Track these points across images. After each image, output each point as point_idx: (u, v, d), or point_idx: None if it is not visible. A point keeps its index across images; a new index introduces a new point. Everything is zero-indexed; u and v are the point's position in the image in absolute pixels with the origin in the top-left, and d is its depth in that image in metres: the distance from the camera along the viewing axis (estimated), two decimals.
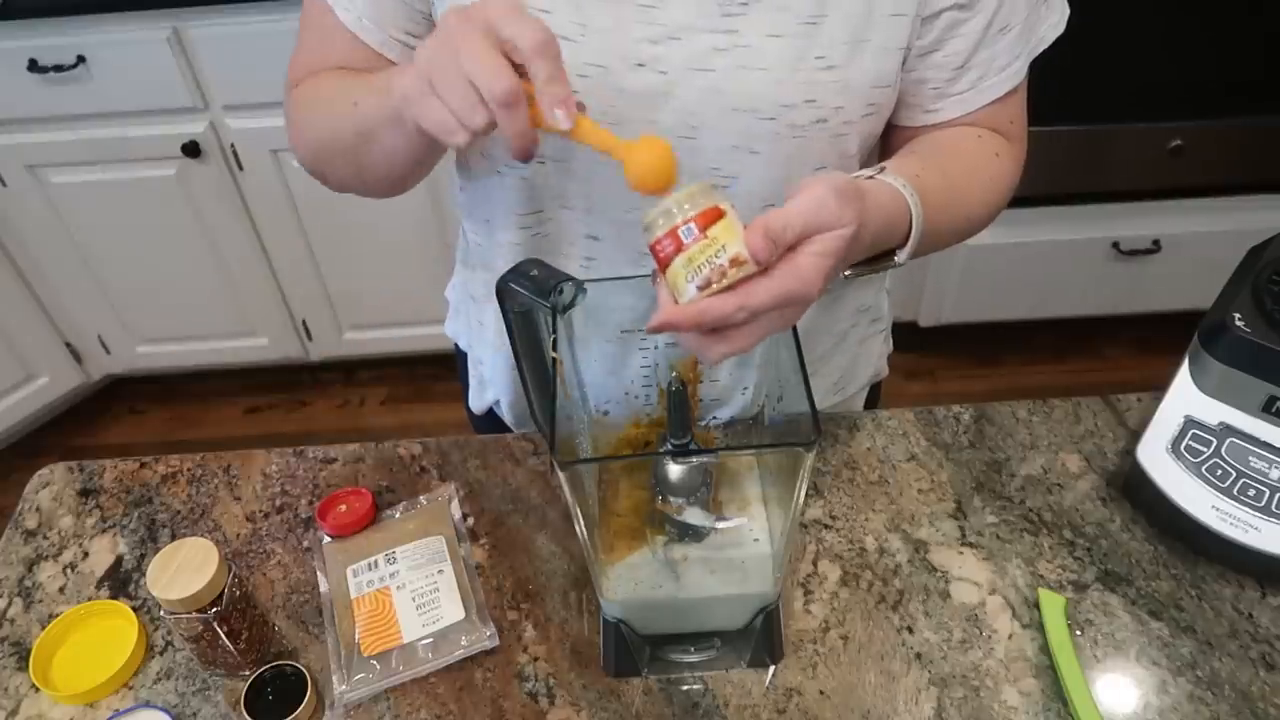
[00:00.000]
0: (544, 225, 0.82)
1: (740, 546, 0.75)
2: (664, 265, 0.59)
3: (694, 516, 0.73)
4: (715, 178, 0.76)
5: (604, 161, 0.75)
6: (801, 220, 0.58)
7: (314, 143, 0.79)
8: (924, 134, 0.80)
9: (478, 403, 1.08)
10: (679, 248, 0.58)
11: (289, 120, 0.81)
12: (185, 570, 0.71)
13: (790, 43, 0.70)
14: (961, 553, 0.84)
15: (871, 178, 0.68)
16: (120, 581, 0.85)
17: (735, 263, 0.57)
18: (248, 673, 0.76)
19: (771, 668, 0.77)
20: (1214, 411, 0.77)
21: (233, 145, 1.87)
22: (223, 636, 0.73)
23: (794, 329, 0.66)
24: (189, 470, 0.94)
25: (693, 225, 0.57)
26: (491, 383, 1.04)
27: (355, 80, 0.75)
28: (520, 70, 0.58)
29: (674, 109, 0.72)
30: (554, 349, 0.68)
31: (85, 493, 0.93)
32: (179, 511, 0.91)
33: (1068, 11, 0.79)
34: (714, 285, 0.57)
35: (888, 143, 0.83)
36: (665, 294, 0.60)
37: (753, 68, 0.70)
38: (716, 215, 0.58)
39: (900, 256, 0.70)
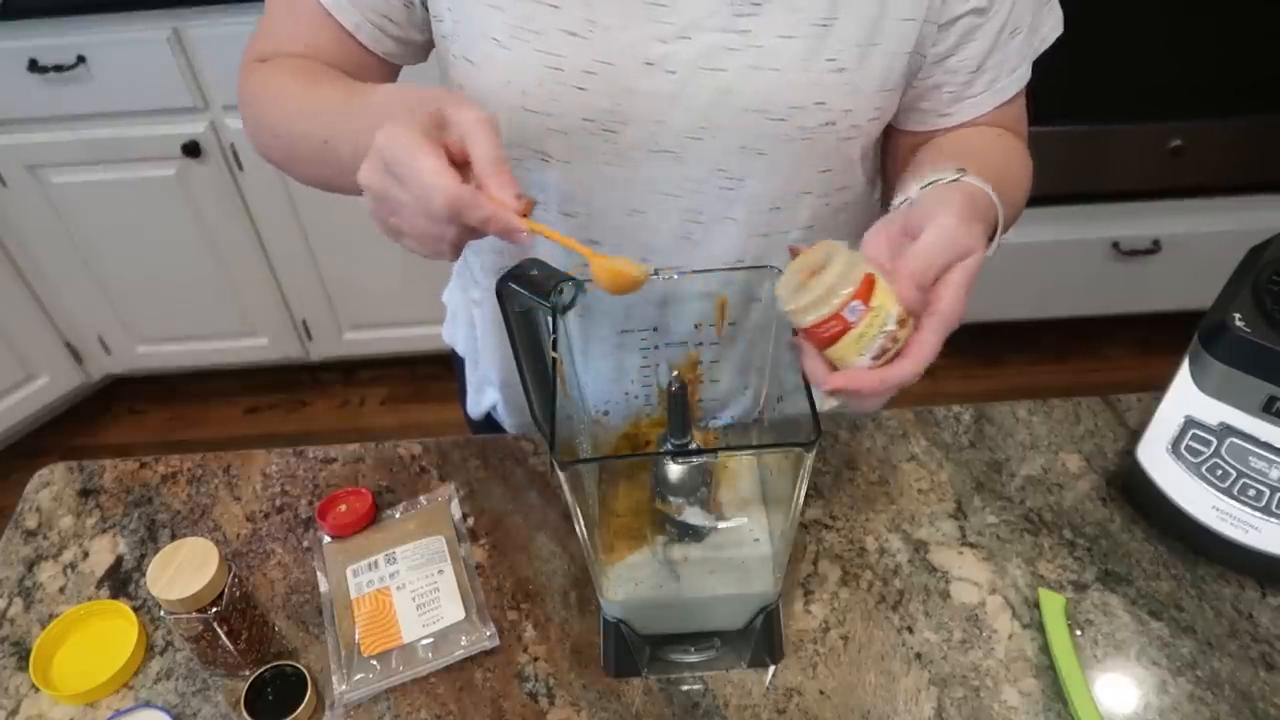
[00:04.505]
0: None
1: (740, 546, 0.75)
2: (827, 344, 0.58)
3: (694, 516, 0.73)
4: (721, 179, 0.76)
5: (607, 166, 0.76)
6: (941, 257, 0.59)
7: (277, 151, 0.77)
8: (934, 138, 0.80)
9: (475, 408, 1.08)
10: (846, 327, 0.56)
11: (248, 107, 0.78)
12: (185, 570, 0.71)
13: (802, 44, 0.70)
14: (961, 553, 0.84)
15: (956, 180, 0.67)
16: (120, 581, 0.85)
17: (901, 323, 0.57)
18: (248, 673, 0.76)
19: (771, 668, 0.77)
20: (1214, 411, 0.76)
21: (233, 145, 1.87)
22: (223, 636, 0.73)
23: (794, 328, 0.66)
24: (189, 470, 0.94)
25: (858, 303, 0.56)
26: (490, 384, 1.04)
27: (324, 99, 0.72)
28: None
29: (683, 109, 0.72)
30: (554, 349, 0.68)
31: (85, 493, 0.93)
32: (179, 511, 0.91)
33: (1061, 14, 0.80)
34: (888, 353, 0.57)
35: (895, 148, 0.83)
36: (819, 362, 0.60)
37: (765, 68, 0.70)
38: (872, 283, 0.57)
39: (989, 251, 0.70)
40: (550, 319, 0.69)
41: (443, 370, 1.26)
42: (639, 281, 0.62)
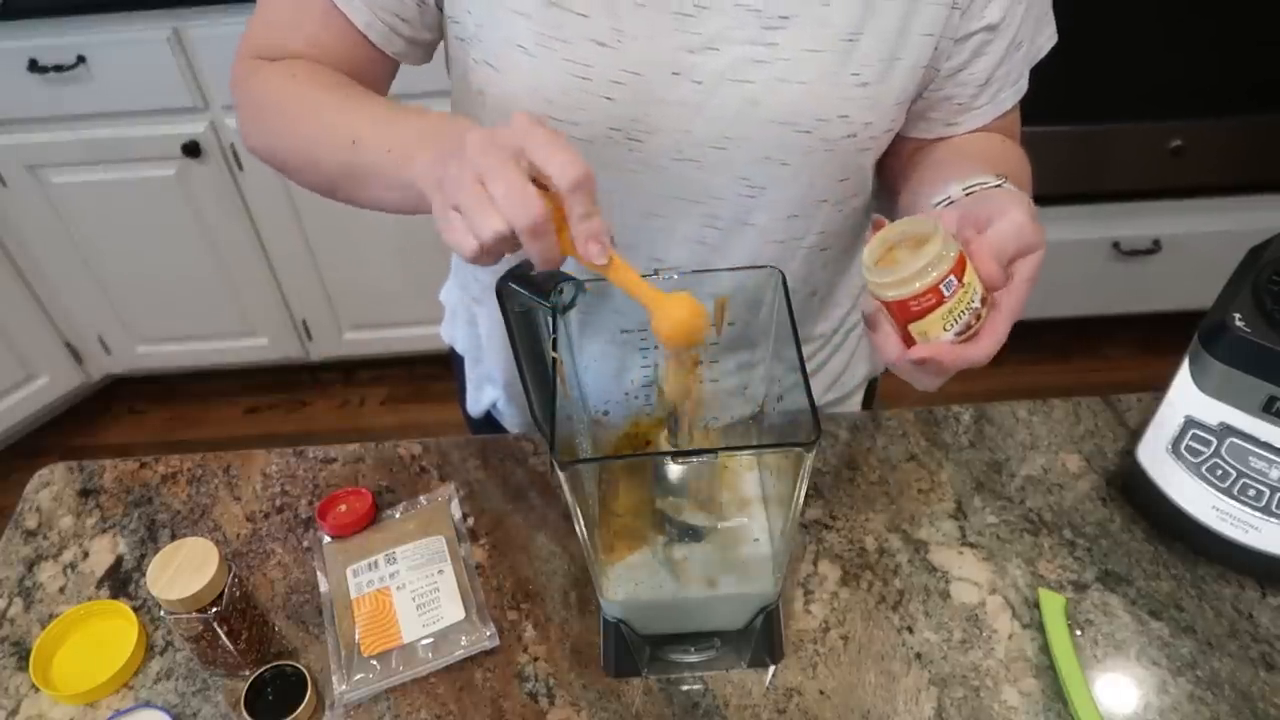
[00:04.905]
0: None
1: (740, 546, 0.75)
2: (915, 318, 0.59)
3: (694, 516, 0.73)
4: (743, 187, 0.77)
5: (627, 172, 0.76)
6: (1013, 244, 0.61)
7: (282, 151, 0.75)
8: (938, 145, 0.81)
9: (475, 406, 1.08)
10: (940, 301, 0.58)
11: (246, 106, 0.76)
12: (185, 570, 0.71)
13: (828, 58, 0.70)
14: (961, 553, 0.84)
15: (999, 186, 0.68)
16: (120, 581, 0.85)
17: (984, 303, 0.59)
18: (248, 673, 0.76)
19: (771, 668, 0.77)
20: (1214, 411, 0.76)
21: (233, 145, 1.87)
22: (223, 636, 0.73)
23: (794, 329, 0.66)
24: (189, 470, 0.94)
25: (953, 279, 0.57)
26: (491, 383, 1.04)
27: (355, 103, 0.70)
28: (542, 186, 0.57)
29: (708, 119, 0.73)
30: (554, 349, 0.68)
31: (85, 493, 0.93)
32: (179, 511, 0.91)
33: (1054, 25, 0.81)
34: (971, 329, 0.59)
35: (898, 153, 0.83)
36: (893, 339, 0.61)
37: (792, 81, 0.71)
38: (964, 261, 0.58)
39: None
40: (550, 319, 0.69)
41: (442, 370, 1.26)
42: (702, 332, 0.62)
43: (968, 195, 0.68)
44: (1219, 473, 0.77)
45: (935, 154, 0.80)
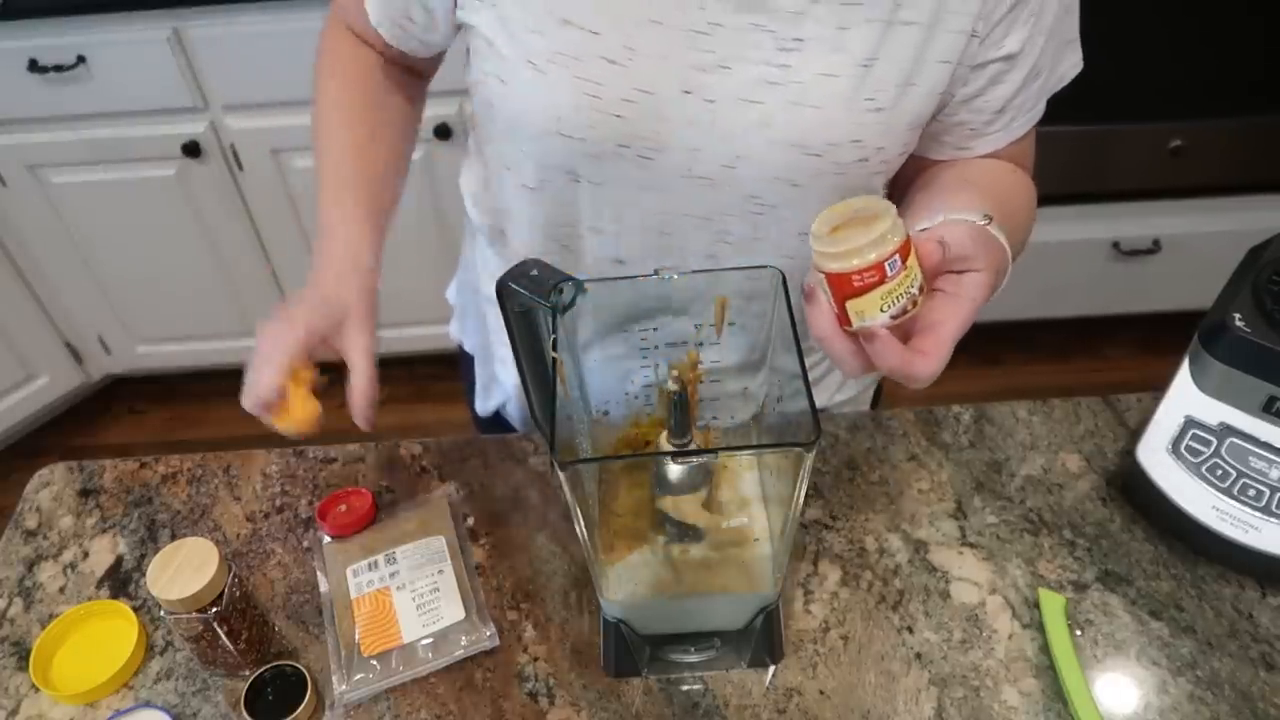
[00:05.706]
0: (572, 243, 0.82)
1: (740, 546, 0.75)
2: (856, 294, 0.58)
3: (694, 517, 0.73)
4: (753, 205, 0.76)
5: (637, 189, 0.76)
6: (965, 247, 0.62)
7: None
8: (947, 168, 0.81)
9: (484, 405, 1.08)
10: (882, 279, 0.57)
11: (317, 67, 0.88)
12: (185, 570, 0.71)
13: (843, 83, 0.70)
14: (961, 553, 0.84)
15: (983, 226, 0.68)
16: (120, 581, 0.85)
17: (922, 290, 0.59)
18: (248, 673, 0.76)
19: (771, 668, 0.77)
20: (1214, 411, 0.76)
21: (233, 145, 1.87)
22: (223, 636, 0.73)
23: (794, 330, 0.66)
24: (189, 470, 0.94)
25: (898, 259, 0.57)
26: (501, 382, 1.04)
27: (354, 143, 0.85)
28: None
29: (718, 138, 0.72)
30: (554, 349, 0.68)
31: (85, 493, 0.93)
32: (179, 511, 0.91)
33: (1080, 54, 0.80)
34: (909, 313, 0.59)
35: (907, 172, 0.83)
36: (827, 314, 0.61)
37: (804, 105, 0.70)
38: (909, 245, 0.58)
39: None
40: (550, 319, 0.69)
41: (443, 370, 1.26)
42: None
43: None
44: (1219, 473, 0.77)
45: (941, 177, 0.80)
